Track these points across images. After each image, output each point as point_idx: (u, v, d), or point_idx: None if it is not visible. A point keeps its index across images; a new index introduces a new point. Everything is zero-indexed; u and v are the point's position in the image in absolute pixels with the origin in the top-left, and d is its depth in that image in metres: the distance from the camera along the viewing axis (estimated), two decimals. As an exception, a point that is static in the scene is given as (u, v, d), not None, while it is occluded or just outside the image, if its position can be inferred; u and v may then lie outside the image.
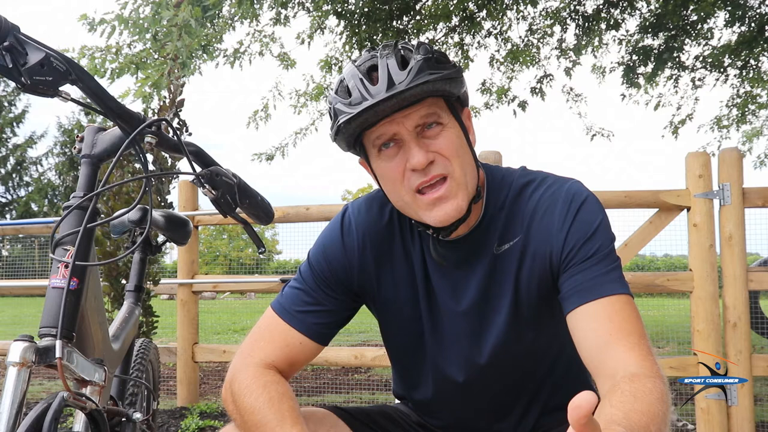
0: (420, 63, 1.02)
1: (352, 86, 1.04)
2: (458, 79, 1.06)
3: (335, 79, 7.44)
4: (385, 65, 1.02)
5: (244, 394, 1.07)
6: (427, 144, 1.05)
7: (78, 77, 1.07)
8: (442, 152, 1.05)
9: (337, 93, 1.07)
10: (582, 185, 1.14)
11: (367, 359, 3.71)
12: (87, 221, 1.13)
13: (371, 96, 1.01)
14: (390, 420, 1.28)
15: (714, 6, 6.00)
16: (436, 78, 1.02)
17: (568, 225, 1.07)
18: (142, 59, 4.95)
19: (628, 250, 3.46)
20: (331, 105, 1.08)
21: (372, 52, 1.08)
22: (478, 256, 1.14)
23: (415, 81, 1.00)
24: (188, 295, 4.12)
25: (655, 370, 0.95)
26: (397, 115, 1.03)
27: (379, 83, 1.01)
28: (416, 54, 1.03)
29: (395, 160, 1.06)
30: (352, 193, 36.17)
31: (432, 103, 1.05)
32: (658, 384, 0.93)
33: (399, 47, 1.06)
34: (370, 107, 1.00)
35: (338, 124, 1.05)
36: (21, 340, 1.03)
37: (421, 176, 1.04)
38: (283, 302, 1.18)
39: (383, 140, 1.06)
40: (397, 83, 1.00)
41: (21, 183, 31.04)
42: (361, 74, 1.04)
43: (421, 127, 1.05)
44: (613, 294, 1.02)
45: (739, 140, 10.21)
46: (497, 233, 1.13)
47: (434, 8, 6.47)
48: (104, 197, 3.18)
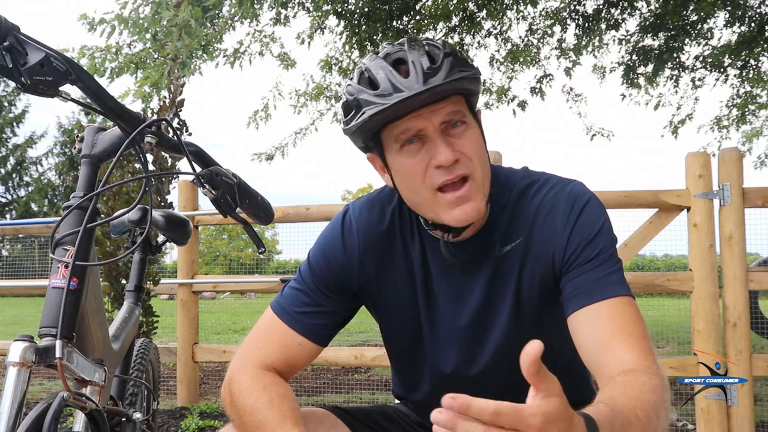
0: (450, 59, 1.02)
1: (382, 77, 1.02)
2: (479, 79, 1.07)
3: (335, 79, 7.47)
4: (417, 59, 1.01)
5: (244, 396, 1.07)
6: (452, 142, 1.04)
7: (78, 77, 1.07)
8: (466, 152, 1.04)
9: (360, 83, 1.05)
10: (584, 186, 1.14)
11: (367, 359, 3.71)
12: (87, 221, 1.13)
13: (405, 88, 0.99)
14: (390, 420, 1.28)
15: (714, 6, 6.00)
16: (466, 76, 1.02)
17: (570, 227, 1.07)
18: (142, 59, 4.96)
19: (628, 250, 3.46)
20: (353, 96, 1.05)
21: (395, 46, 1.06)
22: (482, 258, 1.13)
23: (450, 77, 1.00)
24: (188, 295, 4.12)
25: (654, 368, 0.95)
26: (424, 111, 1.02)
27: (411, 76, 1.00)
28: (443, 50, 1.03)
29: (418, 156, 1.04)
30: (352, 193, 36.17)
31: (457, 101, 1.05)
32: (653, 378, 0.93)
33: (425, 43, 1.05)
34: (403, 100, 0.99)
35: (364, 116, 1.03)
36: (21, 340, 1.03)
37: (445, 174, 1.03)
38: (283, 303, 1.18)
39: (409, 135, 1.04)
40: (431, 78, 0.99)
41: (21, 183, 31.04)
42: (390, 65, 1.02)
43: (446, 124, 1.04)
44: (615, 296, 1.02)
45: (739, 140, 10.23)
46: (499, 235, 1.13)
47: (434, 8, 6.47)
48: (104, 197, 3.18)
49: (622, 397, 0.87)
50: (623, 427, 0.82)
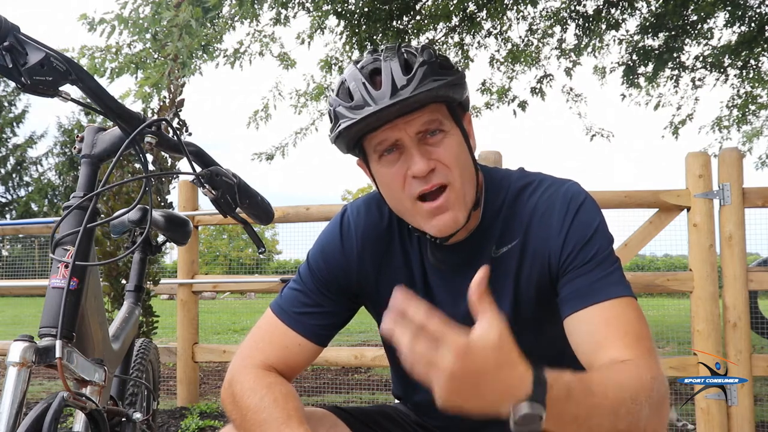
0: (424, 68, 1.00)
1: (354, 89, 1.03)
2: (461, 84, 1.05)
3: (336, 79, 7.46)
4: (388, 69, 1.01)
5: (248, 395, 1.07)
6: (429, 151, 1.03)
7: (78, 77, 1.07)
8: (443, 160, 1.04)
9: (338, 95, 1.06)
10: (580, 186, 1.13)
11: (367, 359, 3.71)
12: (87, 221, 1.13)
13: (374, 101, 1.00)
14: (390, 420, 1.28)
15: (714, 6, 6.00)
16: (441, 85, 1.01)
17: (566, 228, 1.07)
18: (142, 59, 4.96)
19: (628, 250, 3.46)
20: (332, 107, 1.07)
21: (374, 54, 1.07)
22: (477, 260, 1.13)
23: (420, 88, 0.99)
24: (188, 295, 4.12)
25: (648, 364, 0.93)
26: (399, 121, 1.02)
27: (382, 88, 1.00)
28: (420, 58, 1.02)
29: (396, 166, 1.05)
30: (352, 193, 36.17)
31: (434, 110, 1.04)
32: (641, 369, 0.91)
33: (402, 50, 1.04)
34: (373, 113, 0.99)
35: (339, 128, 1.04)
36: (21, 340, 1.03)
37: (422, 183, 1.03)
38: (283, 304, 1.18)
39: (385, 146, 1.05)
40: (401, 89, 0.99)
41: (21, 183, 31.03)
42: (363, 77, 1.03)
43: (423, 133, 1.04)
44: (612, 297, 1.01)
45: (739, 140, 10.22)
46: (495, 236, 1.13)
47: (434, 8, 6.47)
48: (104, 197, 3.18)
49: (595, 373, 0.87)
50: (584, 396, 0.81)
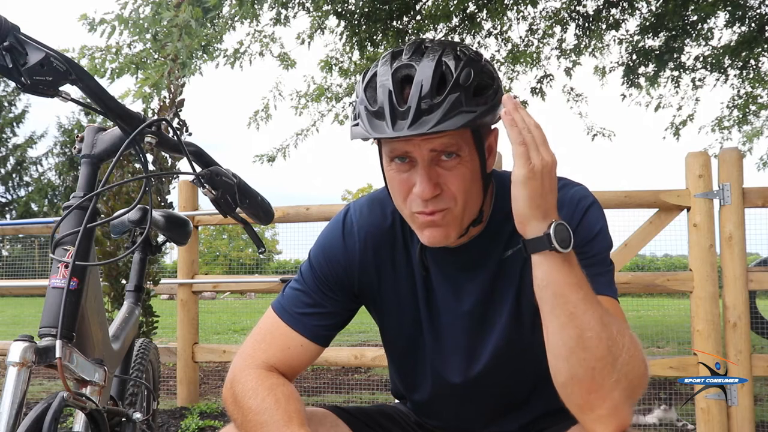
0: (456, 96, 0.95)
1: (380, 97, 0.98)
2: (493, 110, 1.00)
3: (335, 80, 7.46)
4: (419, 84, 0.95)
5: (249, 396, 1.07)
6: (438, 174, 1.00)
7: (78, 77, 1.07)
8: (451, 187, 1.01)
9: (366, 89, 1.02)
10: (587, 191, 1.14)
11: (367, 359, 3.71)
12: (87, 221, 1.12)
13: (392, 124, 0.95)
14: (390, 420, 1.28)
15: (714, 6, 6.00)
16: (469, 120, 0.96)
17: (572, 229, 1.07)
18: (142, 59, 4.96)
19: (628, 250, 3.46)
20: (357, 99, 1.03)
21: (414, 54, 1.00)
22: (484, 262, 1.13)
23: (444, 121, 0.94)
24: (188, 295, 4.12)
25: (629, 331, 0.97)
26: (416, 138, 0.98)
27: (406, 108, 0.95)
28: (456, 77, 0.96)
29: (404, 176, 1.03)
30: (352, 193, 36.17)
31: (457, 134, 0.99)
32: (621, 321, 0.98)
33: (443, 59, 0.98)
34: (387, 137, 0.97)
35: (356, 128, 1.02)
36: (21, 340, 1.02)
37: (422, 206, 1.02)
38: (284, 303, 1.18)
39: (397, 154, 1.02)
40: (424, 114, 0.94)
41: (21, 183, 31.02)
42: (392, 84, 0.97)
43: (438, 152, 1.00)
44: (602, 294, 1.03)
45: (739, 140, 10.22)
46: (504, 239, 1.13)
47: (434, 8, 6.47)
48: (104, 197, 3.18)
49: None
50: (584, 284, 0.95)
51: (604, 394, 0.92)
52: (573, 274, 0.95)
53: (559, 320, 0.94)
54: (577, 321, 0.93)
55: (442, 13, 6.35)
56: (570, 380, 0.94)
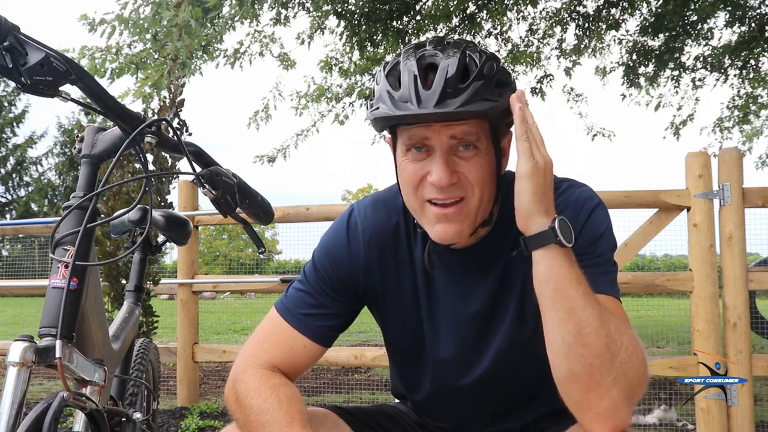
0: (479, 84, 0.97)
1: (405, 81, 1.00)
2: (507, 111, 1.02)
3: (335, 80, 7.45)
4: (444, 71, 0.97)
5: (252, 396, 1.07)
6: (455, 163, 1.01)
7: (78, 77, 1.07)
8: (468, 176, 1.02)
9: (388, 75, 1.03)
10: (593, 191, 1.14)
11: (367, 359, 3.71)
12: (87, 221, 1.12)
13: (418, 102, 0.97)
14: (390, 419, 1.28)
15: (714, 6, 6.00)
16: (489, 108, 0.98)
17: (578, 229, 1.07)
18: (142, 59, 4.96)
19: (628, 250, 3.46)
20: (378, 84, 1.04)
21: (438, 45, 1.02)
22: (491, 263, 1.13)
23: (467, 105, 0.96)
24: (188, 295, 4.12)
25: (630, 331, 0.97)
26: (436, 124, 1.00)
27: (431, 89, 0.97)
28: (480, 68, 0.98)
29: (419, 165, 1.03)
30: (352, 193, 36.17)
31: (476, 124, 1.01)
32: (622, 321, 0.98)
33: (467, 52, 1.00)
34: (413, 114, 0.97)
35: (376, 111, 1.02)
36: (21, 340, 1.02)
37: (437, 192, 1.02)
38: (288, 304, 1.18)
39: (414, 142, 1.03)
40: (448, 98, 0.96)
41: (21, 183, 31.02)
42: (417, 70, 0.99)
43: (457, 141, 1.01)
44: (605, 293, 1.03)
45: (739, 140, 10.21)
46: (511, 239, 1.12)
47: (434, 9, 6.47)
48: (104, 197, 3.18)
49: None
50: (577, 274, 0.96)
51: (602, 393, 0.92)
52: (573, 270, 0.97)
53: (558, 315, 0.95)
54: (576, 317, 0.93)
55: (442, 13, 6.35)
56: (568, 377, 0.95)
